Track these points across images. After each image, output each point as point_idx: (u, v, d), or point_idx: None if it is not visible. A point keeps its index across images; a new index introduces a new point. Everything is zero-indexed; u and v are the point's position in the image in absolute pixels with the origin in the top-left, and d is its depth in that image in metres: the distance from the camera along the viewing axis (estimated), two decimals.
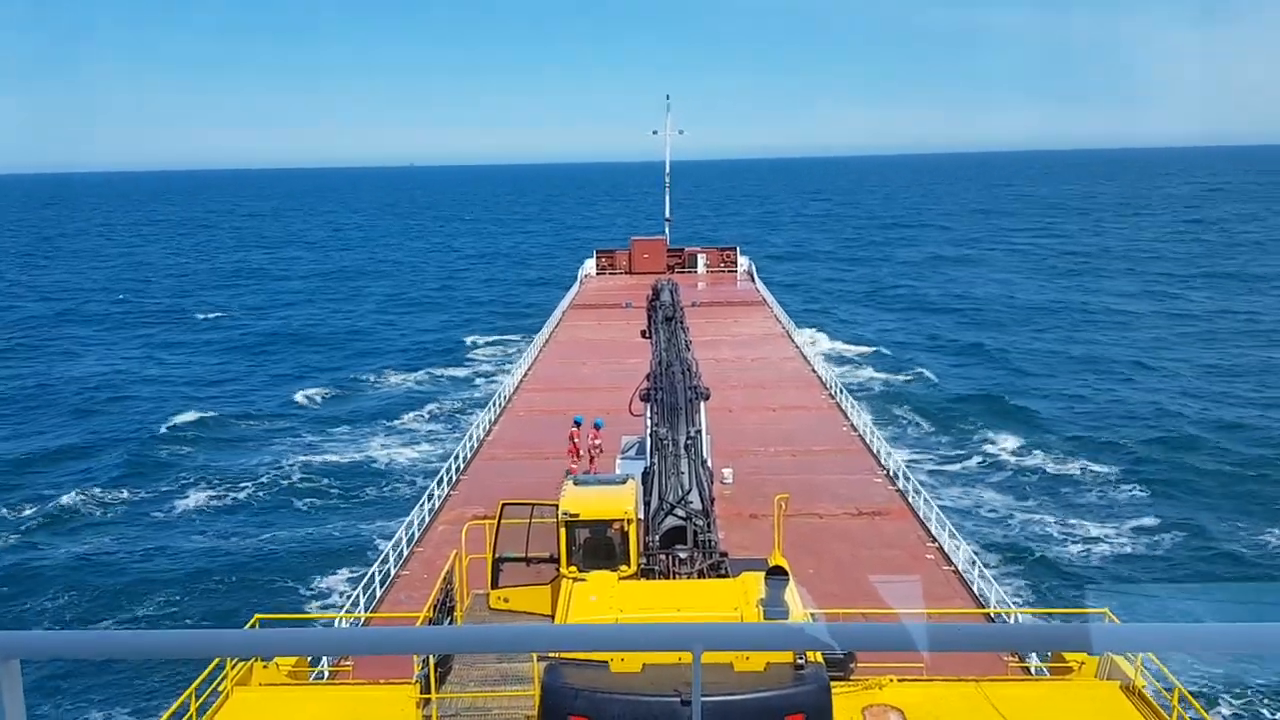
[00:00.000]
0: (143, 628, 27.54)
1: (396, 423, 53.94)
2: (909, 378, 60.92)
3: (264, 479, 44.85)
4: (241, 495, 43.05)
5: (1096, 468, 43.17)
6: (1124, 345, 69.94)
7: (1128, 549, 35.03)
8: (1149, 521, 37.24)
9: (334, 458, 47.68)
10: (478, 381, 63.31)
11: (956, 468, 43.99)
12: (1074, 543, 35.55)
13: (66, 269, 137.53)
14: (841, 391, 42.25)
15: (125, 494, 43.58)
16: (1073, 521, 37.29)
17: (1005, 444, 46.80)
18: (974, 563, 24.41)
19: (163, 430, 52.79)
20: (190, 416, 55.42)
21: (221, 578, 34.52)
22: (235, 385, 65.84)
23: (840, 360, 64.21)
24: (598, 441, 31.81)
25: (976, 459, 45.01)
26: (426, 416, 55.28)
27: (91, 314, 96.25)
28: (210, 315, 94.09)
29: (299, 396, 60.82)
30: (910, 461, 39.49)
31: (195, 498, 43.00)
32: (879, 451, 34.26)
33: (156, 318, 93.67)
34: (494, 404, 41.64)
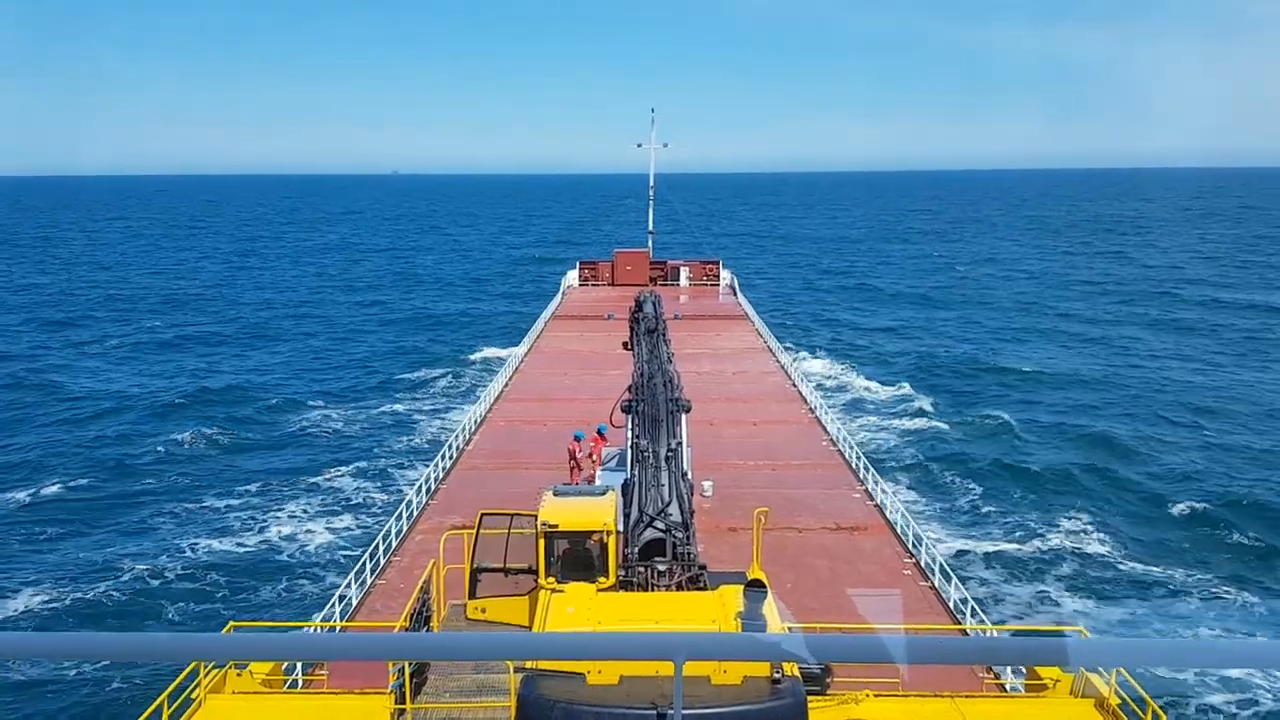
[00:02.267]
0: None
1: (317, 479, 44.28)
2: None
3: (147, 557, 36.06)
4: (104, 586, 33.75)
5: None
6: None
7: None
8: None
9: (229, 539, 37.79)
10: (419, 419, 54.97)
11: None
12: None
13: None
14: (821, 406, 42.43)
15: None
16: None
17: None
18: (950, 579, 24.50)
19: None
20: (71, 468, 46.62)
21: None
22: (132, 420, 55.91)
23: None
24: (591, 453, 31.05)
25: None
26: (353, 470, 45.71)
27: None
28: (124, 338, 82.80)
29: (188, 436, 51.65)
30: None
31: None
32: (857, 467, 34.37)
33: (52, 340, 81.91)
34: (474, 414, 41.55)
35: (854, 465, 34.66)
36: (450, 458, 35.66)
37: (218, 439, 52.08)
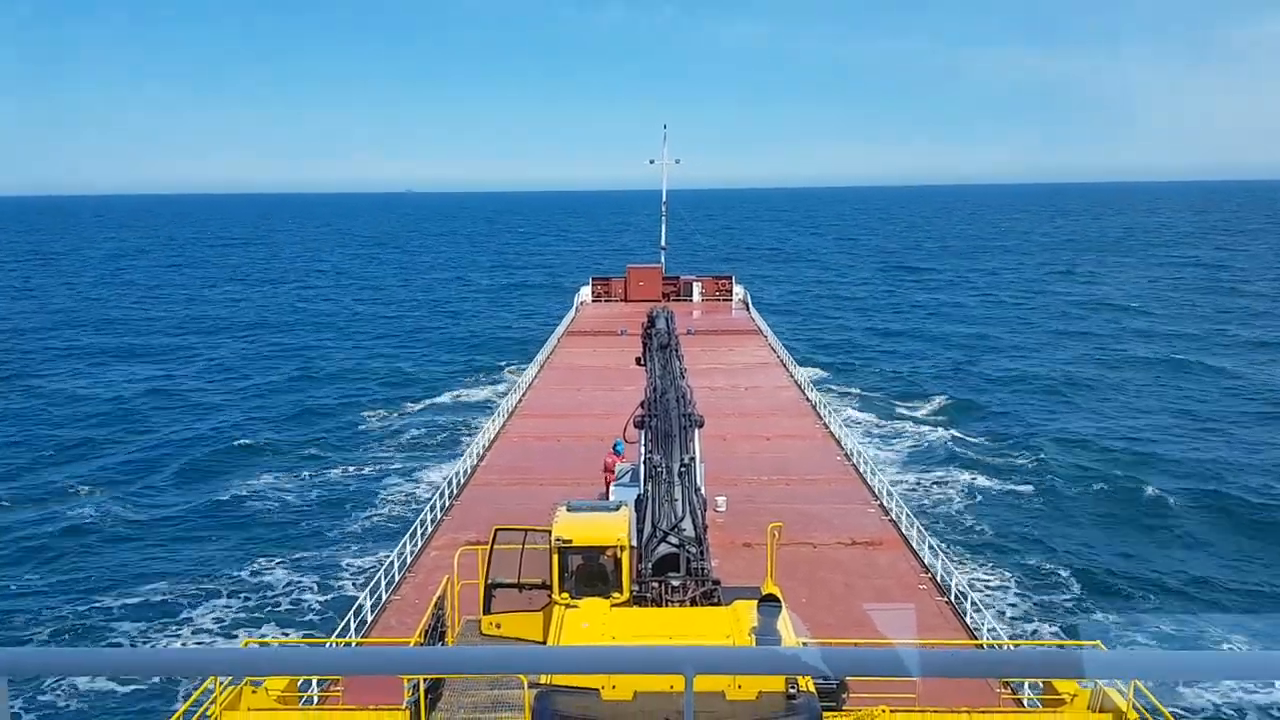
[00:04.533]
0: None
1: (242, 571, 35.58)
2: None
3: None
4: None
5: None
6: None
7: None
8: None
9: None
10: (389, 482, 45.75)
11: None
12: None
13: None
14: (836, 422, 42.35)
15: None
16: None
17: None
18: (966, 594, 24.39)
19: None
20: None
21: None
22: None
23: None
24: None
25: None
26: (291, 562, 36.37)
27: None
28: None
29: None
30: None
31: None
32: (873, 482, 34.27)
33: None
34: (488, 429, 41.63)
35: (869, 480, 34.57)
36: (464, 474, 35.74)
37: (116, 512, 42.15)
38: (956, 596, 24.67)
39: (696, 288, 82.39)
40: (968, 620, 23.53)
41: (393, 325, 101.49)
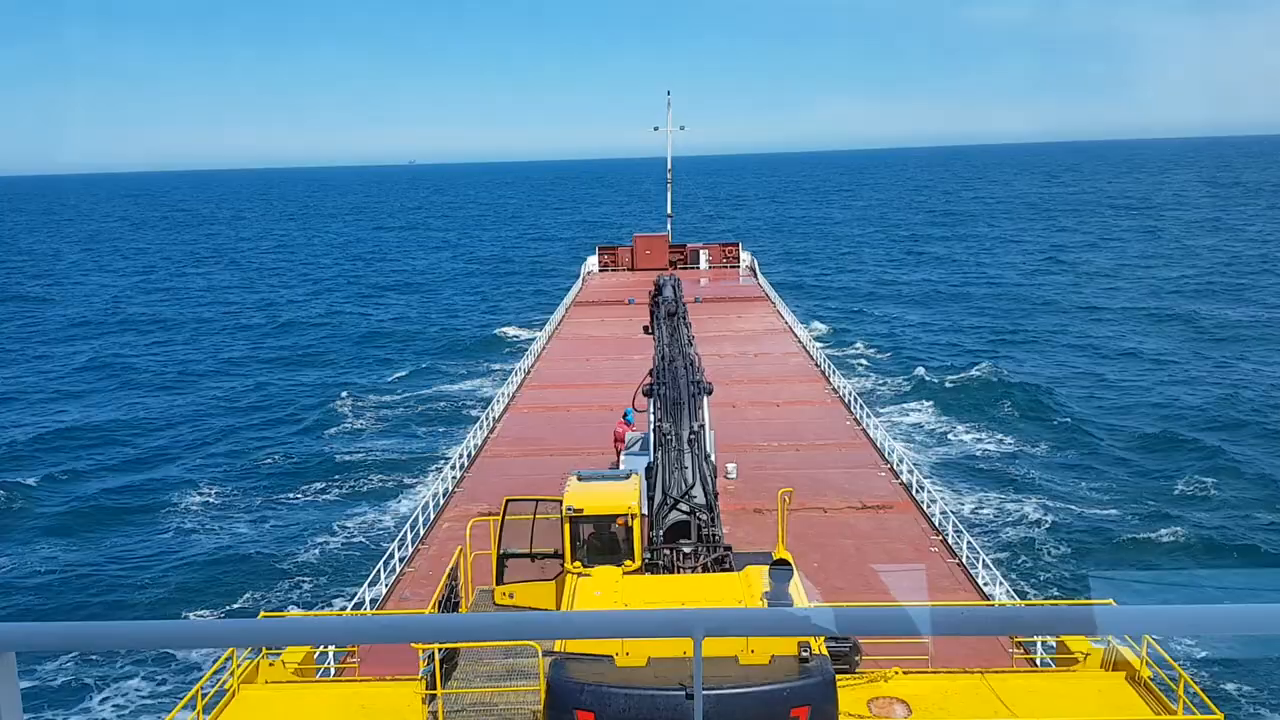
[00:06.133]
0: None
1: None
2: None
3: None
4: None
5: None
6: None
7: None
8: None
9: None
10: (355, 511, 39.19)
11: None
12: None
13: None
14: (845, 387, 42.34)
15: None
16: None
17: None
18: (978, 556, 24.43)
19: None
20: None
21: None
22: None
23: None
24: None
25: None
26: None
27: None
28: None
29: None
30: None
31: None
32: (883, 445, 34.27)
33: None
34: (498, 401, 41.71)
35: (879, 444, 34.58)
36: (475, 445, 35.85)
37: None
38: (968, 557, 24.72)
39: (703, 255, 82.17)
40: (979, 581, 23.58)
41: (377, 313, 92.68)
